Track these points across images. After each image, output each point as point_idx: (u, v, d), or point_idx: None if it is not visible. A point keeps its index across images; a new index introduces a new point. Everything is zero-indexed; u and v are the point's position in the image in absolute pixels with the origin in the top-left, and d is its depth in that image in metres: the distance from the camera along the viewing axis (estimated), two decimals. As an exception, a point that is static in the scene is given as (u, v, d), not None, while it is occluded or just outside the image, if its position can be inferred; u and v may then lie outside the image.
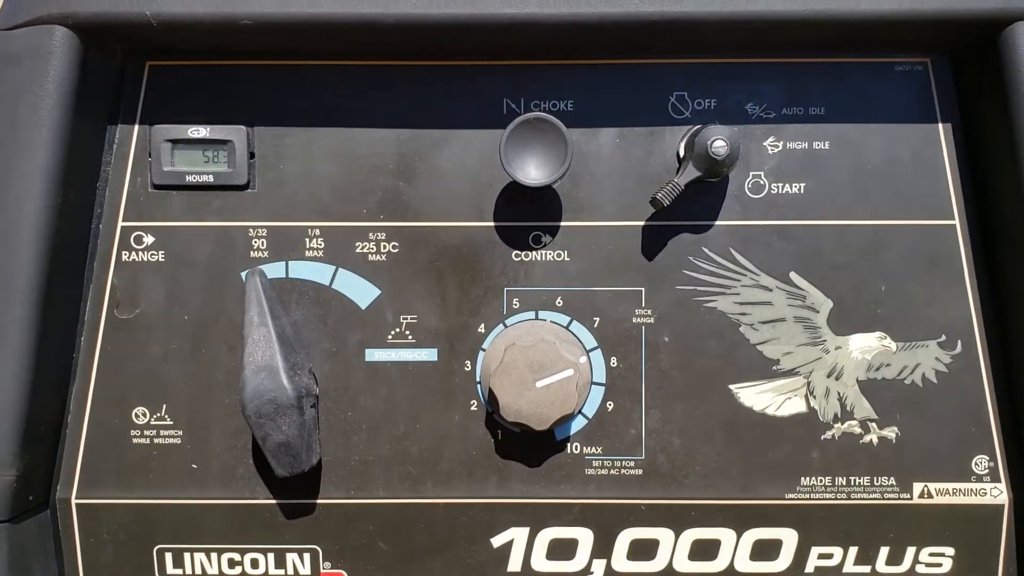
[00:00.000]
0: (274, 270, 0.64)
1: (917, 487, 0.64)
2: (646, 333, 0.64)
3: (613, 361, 0.64)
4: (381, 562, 0.65)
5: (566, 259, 0.64)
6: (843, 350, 0.63)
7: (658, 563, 0.65)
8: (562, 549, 0.65)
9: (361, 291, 0.64)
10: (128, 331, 0.64)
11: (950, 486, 0.64)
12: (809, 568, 0.64)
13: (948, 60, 0.63)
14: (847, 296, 0.63)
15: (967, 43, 0.62)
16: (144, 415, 0.64)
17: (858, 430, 0.64)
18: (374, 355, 0.64)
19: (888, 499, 0.64)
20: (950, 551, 0.64)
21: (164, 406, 0.64)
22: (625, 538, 0.64)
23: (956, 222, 0.63)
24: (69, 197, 0.59)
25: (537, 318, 0.64)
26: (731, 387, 0.64)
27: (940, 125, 0.63)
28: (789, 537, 0.64)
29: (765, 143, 0.63)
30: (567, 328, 0.64)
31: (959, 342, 0.63)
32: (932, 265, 0.63)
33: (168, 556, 0.65)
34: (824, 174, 0.63)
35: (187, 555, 0.65)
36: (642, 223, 0.64)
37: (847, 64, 0.63)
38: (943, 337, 0.63)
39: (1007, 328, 0.63)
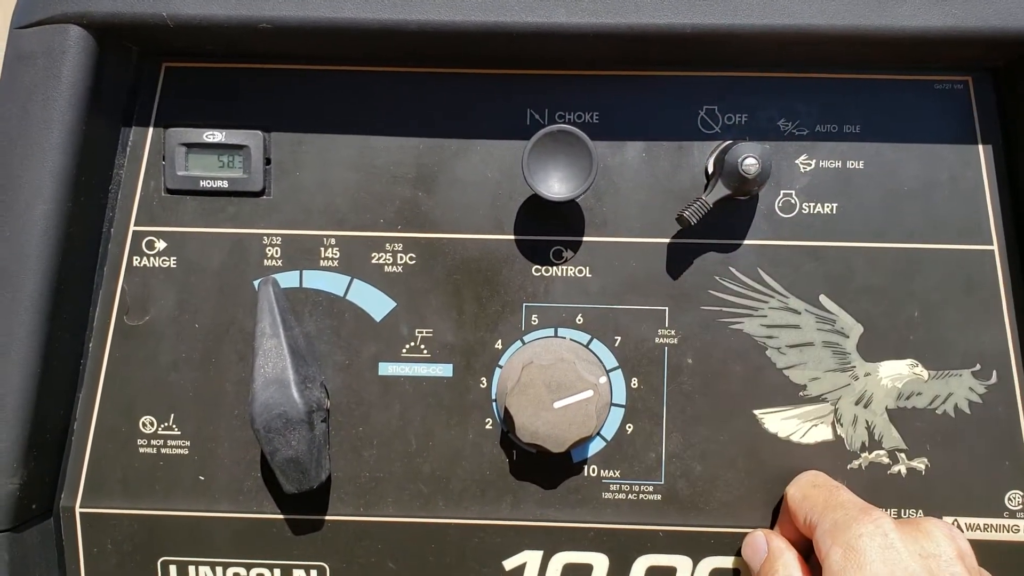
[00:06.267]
0: (288, 279, 0.62)
1: (947, 521, 0.61)
2: (669, 354, 0.62)
3: (634, 382, 0.62)
4: (389, 582, 0.63)
5: (588, 275, 0.62)
6: (873, 377, 0.61)
7: (675, 591, 0.63)
8: (576, 574, 0.63)
9: (376, 303, 0.62)
10: (137, 338, 0.62)
11: (981, 521, 0.61)
12: (831, 601, 0.62)
13: (990, 79, 0.61)
14: (878, 321, 0.61)
15: (1011, 61, 0.59)
16: (151, 424, 0.62)
17: (886, 460, 0.61)
18: (388, 369, 0.62)
19: (916, 533, 0.62)
20: (979, 589, 0.62)
21: (172, 415, 0.62)
22: (641, 565, 0.62)
23: (994, 247, 0.61)
24: (80, 200, 0.58)
25: (556, 335, 0.62)
26: (755, 412, 0.62)
27: (980, 146, 0.61)
28: (811, 569, 0.62)
29: (797, 161, 0.61)
30: (587, 347, 0.62)
31: (994, 372, 0.61)
32: (968, 291, 0.61)
33: (173, 568, 0.63)
34: (858, 194, 0.61)
35: (192, 568, 0.63)
36: (667, 240, 0.62)
37: (884, 81, 0.61)
38: (977, 366, 0.61)
39: (1045, 359, 0.60)
